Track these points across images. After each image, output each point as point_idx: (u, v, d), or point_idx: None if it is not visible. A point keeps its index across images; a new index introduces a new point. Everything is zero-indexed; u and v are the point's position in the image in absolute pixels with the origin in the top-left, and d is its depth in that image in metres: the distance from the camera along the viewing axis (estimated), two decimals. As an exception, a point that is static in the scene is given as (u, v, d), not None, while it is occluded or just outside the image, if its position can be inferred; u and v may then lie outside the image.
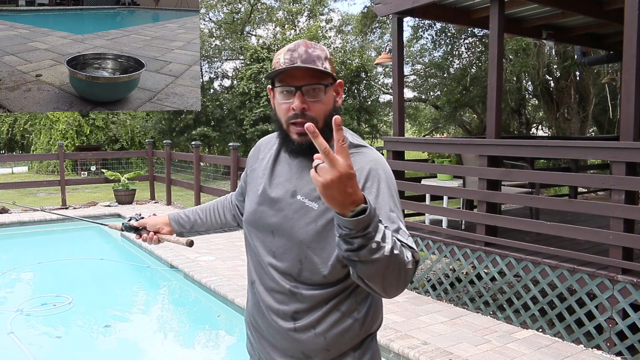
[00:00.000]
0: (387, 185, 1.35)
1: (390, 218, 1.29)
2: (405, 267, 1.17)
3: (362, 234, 1.08)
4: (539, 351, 3.68)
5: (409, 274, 1.19)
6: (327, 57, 1.39)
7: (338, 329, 1.40)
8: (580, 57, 8.68)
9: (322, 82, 1.37)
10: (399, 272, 1.16)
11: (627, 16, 3.61)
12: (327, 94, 1.38)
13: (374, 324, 1.48)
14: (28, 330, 4.58)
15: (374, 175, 1.35)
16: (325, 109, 1.38)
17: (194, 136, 15.63)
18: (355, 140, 1.44)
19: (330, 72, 1.38)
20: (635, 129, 3.59)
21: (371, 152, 1.42)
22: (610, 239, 3.70)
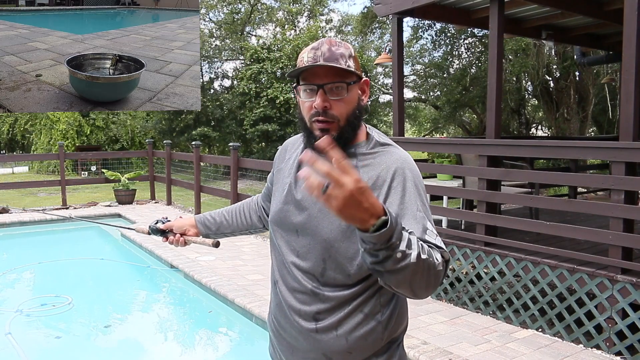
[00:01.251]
0: (414, 184, 1.33)
1: (417, 218, 1.27)
2: (434, 269, 1.16)
3: (386, 246, 1.05)
4: (538, 351, 3.69)
5: (440, 275, 1.18)
6: (352, 55, 1.37)
7: (361, 331, 1.38)
8: (580, 58, 8.69)
9: (345, 80, 1.35)
10: (427, 276, 1.15)
11: (627, 16, 3.62)
12: (351, 92, 1.36)
13: (399, 327, 1.44)
14: (27, 330, 4.57)
15: (400, 174, 1.33)
16: (348, 107, 1.36)
17: (194, 136, 15.63)
18: (381, 138, 1.43)
19: (355, 70, 1.36)
20: (635, 129, 3.59)
21: (397, 150, 1.40)
22: (610, 238, 3.71)
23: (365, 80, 1.40)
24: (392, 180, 1.32)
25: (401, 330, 1.46)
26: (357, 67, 1.38)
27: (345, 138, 1.37)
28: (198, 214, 1.85)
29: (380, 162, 1.35)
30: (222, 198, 10.03)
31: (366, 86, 1.42)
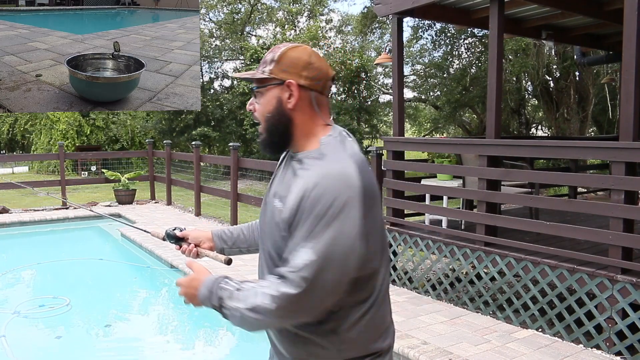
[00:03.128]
0: (311, 207, 1.25)
1: (295, 243, 1.27)
2: (251, 314, 1.27)
3: (211, 307, 1.36)
4: (538, 351, 3.69)
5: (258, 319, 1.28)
6: (274, 60, 1.38)
7: (318, 339, 1.36)
8: (580, 58, 8.69)
9: (260, 84, 1.40)
10: (244, 322, 1.30)
11: (627, 16, 3.62)
12: (265, 96, 1.40)
13: (354, 344, 1.37)
14: (24, 332, 4.53)
15: (306, 196, 1.26)
16: (263, 110, 1.41)
17: (194, 136, 15.63)
18: (325, 150, 1.35)
19: (269, 75, 1.37)
20: (635, 129, 3.59)
21: (322, 165, 1.30)
22: (610, 238, 3.70)
23: (287, 82, 1.36)
24: (301, 195, 1.27)
25: (353, 354, 1.37)
26: (278, 70, 1.37)
27: (271, 142, 1.43)
28: (216, 228, 1.82)
29: (303, 175, 1.31)
30: (222, 198, 10.03)
31: (290, 89, 1.36)
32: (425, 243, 5.07)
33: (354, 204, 1.25)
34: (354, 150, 1.37)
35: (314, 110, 1.39)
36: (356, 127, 15.94)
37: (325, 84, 1.40)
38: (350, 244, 1.25)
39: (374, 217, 1.33)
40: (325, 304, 1.29)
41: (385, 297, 1.43)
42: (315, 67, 1.37)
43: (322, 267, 1.23)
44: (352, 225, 1.25)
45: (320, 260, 1.22)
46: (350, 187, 1.26)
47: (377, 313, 1.38)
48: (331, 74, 1.42)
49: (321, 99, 1.40)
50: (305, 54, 1.38)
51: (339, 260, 1.24)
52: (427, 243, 5.06)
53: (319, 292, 1.25)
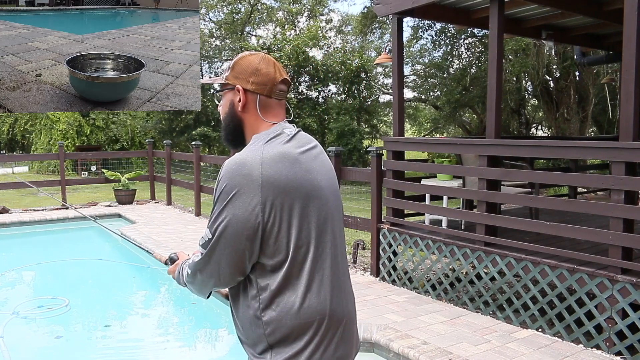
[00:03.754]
0: (215, 188, 1.46)
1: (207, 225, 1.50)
2: (187, 281, 1.59)
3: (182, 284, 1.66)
4: (538, 351, 3.69)
5: (188, 281, 1.58)
6: (230, 66, 1.57)
7: (245, 319, 1.49)
8: (580, 58, 8.69)
9: (219, 89, 1.61)
10: (191, 287, 1.60)
11: (627, 16, 3.61)
12: (224, 98, 1.60)
13: (275, 330, 1.42)
14: (22, 333, 4.51)
15: (216, 181, 1.46)
16: (222, 111, 1.61)
17: (194, 136, 15.63)
18: (250, 144, 1.52)
19: (225, 80, 1.56)
20: (635, 129, 3.59)
21: (232, 157, 1.47)
22: (610, 239, 3.70)
23: (236, 88, 1.53)
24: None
25: (279, 337, 1.42)
26: (231, 76, 1.55)
27: (227, 139, 1.62)
28: None
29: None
30: (222, 198, 10.02)
31: (239, 93, 1.53)
32: (425, 243, 5.07)
33: (246, 191, 1.38)
34: (275, 144, 1.47)
35: (258, 112, 1.54)
36: (356, 127, 15.94)
37: (273, 87, 1.54)
38: (242, 227, 1.38)
39: (286, 207, 1.40)
40: (221, 276, 1.46)
41: (312, 285, 1.43)
42: (262, 73, 1.53)
43: (214, 244, 1.43)
44: (243, 210, 1.38)
45: (214, 237, 1.43)
46: (245, 176, 1.39)
47: (303, 300, 1.42)
48: (279, 78, 1.55)
49: (268, 101, 1.55)
50: (255, 60, 1.54)
51: (228, 241, 1.40)
52: (427, 243, 5.05)
53: (211, 265, 1.46)
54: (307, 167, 1.47)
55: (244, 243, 1.39)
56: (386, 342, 3.80)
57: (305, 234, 1.43)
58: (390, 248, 5.43)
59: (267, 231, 1.39)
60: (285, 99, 1.62)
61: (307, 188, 1.45)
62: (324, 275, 1.46)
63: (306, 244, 1.43)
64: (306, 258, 1.43)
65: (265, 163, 1.40)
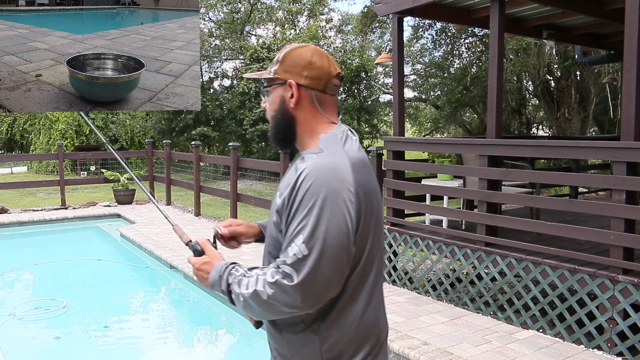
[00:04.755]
0: (303, 195, 1.27)
1: (290, 235, 1.28)
2: (259, 299, 1.30)
3: (220, 292, 1.41)
4: (539, 351, 3.68)
5: (267, 301, 1.29)
6: (279, 60, 1.42)
7: (296, 335, 1.36)
8: (581, 57, 8.67)
9: (267, 84, 1.46)
10: (252, 307, 1.33)
11: (628, 16, 3.60)
12: (271, 94, 1.45)
13: (340, 347, 1.34)
14: (18, 335, 4.48)
15: (300, 183, 1.28)
16: (270, 108, 1.46)
17: (193, 136, 15.61)
18: (324, 146, 1.36)
19: (274, 75, 1.42)
20: (636, 128, 3.58)
21: (316, 158, 1.31)
22: (611, 239, 3.69)
23: (288, 83, 1.39)
24: (293, 187, 1.29)
25: (341, 357, 1.35)
26: (281, 70, 1.41)
27: (276, 138, 1.47)
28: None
29: (299, 167, 1.31)
30: (221, 198, 10.02)
31: (291, 88, 1.39)
32: (425, 243, 5.06)
33: (344, 196, 1.26)
34: (352, 148, 1.38)
35: (315, 108, 1.41)
36: (356, 127, 15.93)
37: (327, 82, 1.41)
38: (343, 237, 1.25)
39: (370, 214, 1.33)
40: (319, 297, 1.27)
41: (373, 298, 1.38)
42: (316, 66, 1.39)
43: (316, 261, 1.23)
44: (343, 218, 1.25)
45: (313, 254, 1.23)
46: (340, 180, 1.27)
47: (363, 313, 1.35)
48: (334, 72, 1.42)
49: (323, 97, 1.42)
50: (307, 53, 1.41)
51: (332, 254, 1.24)
52: (427, 243, 5.04)
53: (312, 286, 1.24)
54: (374, 175, 1.42)
55: (346, 254, 1.26)
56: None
57: (376, 245, 1.37)
58: (390, 248, 5.42)
59: (354, 240, 1.29)
60: (337, 94, 1.49)
61: (379, 198, 1.40)
62: (380, 288, 1.41)
63: (375, 255, 1.37)
64: (372, 270, 1.36)
65: (354, 169, 1.30)
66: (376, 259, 1.38)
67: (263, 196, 10.14)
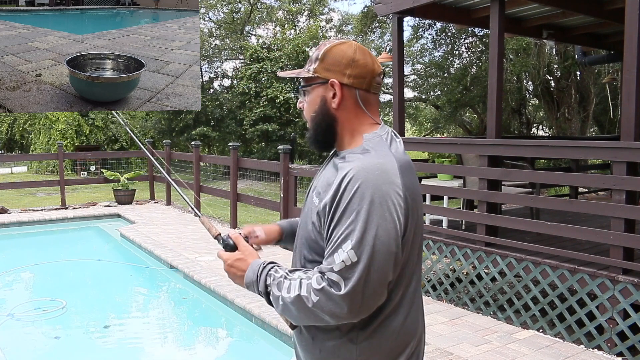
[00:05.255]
0: (351, 197, 1.20)
1: (334, 241, 1.22)
2: (303, 306, 1.23)
3: (256, 292, 1.34)
4: (539, 351, 3.68)
5: (313, 309, 1.22)
6: (319, 57, 1.34)
7: (331, 343, 1.30)
8: (581, 57, 8.67)
9: (305, 83, 1.38)
10: (294, 312, 1.26)
11: (628, 16, 3.60)
12: (311, 94, 1.37)
13: (370, 356, 1.29)
14: (16, 335, 4.45)
15: (345, 184, 1.22)
16: (309, 109, 1.38)
17: (193, 136, 15.62)
18: (368, 146, 1.31)
19: (313, 73, 1.35)
20: (636, 128, 3.58)
21: (362, 158, 1.27)
22: (611, 239, 3.69)
23: (330, 82, 1.32)
24: (337, 188, 1.23)
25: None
26: (322, 68, 1.34)
27: (316, 140, 1.38)
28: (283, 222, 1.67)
29: (343, 168, 1.26)
30: (222, 198, 10.02)
31: (334, 88, 1.32)
32: (425, 243, 5.06)
33: (394, 199, 1.20)
34: (398, 150, 1.32)
35: (359, 108, 1.35)
36: (356, 127, 15.92)
37: (371, 81, 1.34)
38: (393, 243, 1.20)
39: (415, 220, 1.28)
40: (368, 306, 1.21)
41: (413, 306, 1.33)
42: (359, 64, 1.32)
43: (366, 268, 1.17)
44: (392, 223, 1.19)
45: (363, 260, 1.17)
46: (390, 183, 1.21)
47: (403, 322, 1.30)
48: (378, 70, 1.35)
49: (367, 96, 1.35)
50: (349, 50, 1.33)
51: (382, 261, 1.18)
52: (427, 243, 5.04)
53: (361, 294, 1.18)
54: (417, 179, 1.37)
55: (394, 260, 1.21)
56: (387, 342, 3.78)
57: (417, 251, 1.33)
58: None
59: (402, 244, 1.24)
60: (380, 93, 1.42)
61: (421, 201, 1.35)
62: (420, 296, 1.37)
63: (415, 261, 1.32)
64: (413, 277, 1.32)
65: (402, 172, 1.25)
66: (417, 265, 1.34)
67: (263, 196, 10.14)
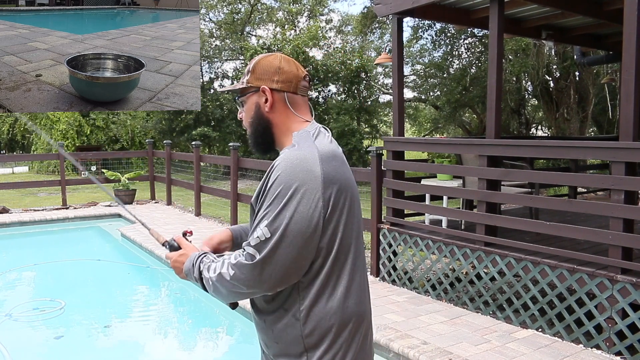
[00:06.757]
0: (272, 184, 1.37)
1: (256, 221, 1.39)
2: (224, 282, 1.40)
3: (193, 280, 1.51)
4: (538, 351, 3.69)
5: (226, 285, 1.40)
6: (250, 70, 1.53)
7: (279, 323, 1.44)
8: (580, 58, 8.69)
9: (241, 94, 1.56)
10: (219, 290, 1.43)
11: (627, 16, 3.62)
12: (247, 103, 1.55)
13: (318, 332, 1.40)
14: (16, 336, 4.45)
15: (271, 174, 1.39)
16: (247, 116, 1.56)
17: (194, 136, 15.62)
18: (296, 142, 1.45)
19: (247, 84, 1.52)
20: (635, 129, 3.59)
21: (287, 151, 1.42)
22: (610, 238, 3.70)
23: (262, 89, 1.49)
24: (265, 178, 1.41)
25: (315, 339, 1.41)
26: (254, 78, 1.51)
27: (256, 143, 1.55)
28: (235, 227, 1.79)
29: (273, 162, 1.42)
30: (222, 198, 10.03)
31: (265, 93, 1.49)
32: (425, 243, 5.07)
33: (310, 187, 1.35)
34: (323, 142, 1.46)
35: (288, 109, 1.51)
36: (356, 127, 15.94)
37: (297, 84, 1.52)
38: (306, 225, 1.33)
39: (338, 205, 1.40)
40: (277, 279, 1.36)
41: (352, 286, 1.44)
42: (285, 71, 1.51)
43: (276, 243, 1.32)
44: (307, 207, 1.34)
45: (276, 237, 1.33)
46: (308, 172, 1.35)
47: (344, 301, 1.42)
48: (302, 75, 1.53)
49: (295, 98, 1.52)
50: (275, 60, 1.52)
51: (293, 239, 1.33)
52: (427, 243, 5.05)
53: (271, 266, 1.34)
54: (347, 167, 1.50)
55: (307, 241, 1.35)
56: (386, 342, 3.80)
57: (350, 233, 1.45)
58: (390, 248, 5.43)
59: (324, 229, 1.37)
60: (308, 95, 1.60)
61: (352, 188, 1.47)
62: (360, 275, 1.49)
63: (349, 243, 1.45)
64: (348, 257, 1.44)
65: (323, 160, 1.39)
66: (352, 247, 1.45)
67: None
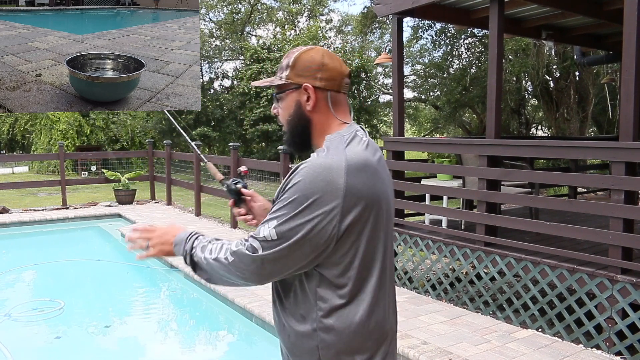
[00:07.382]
0: (288, 186, 1.32)
1: (269, 216, 1.34)
2: (221, 266, 1.37)
3: (181, 252, 1.47)
4: (538, 351, 3.69)
5: (228, 267, 1.36)
6: (289, 65, 1.43)
7: (298, 330, 1.38)
8: (580, 58, 8.69)
9: (277, 90, 1.47)
10: (217, 271, 1.39)
11: (627, 16, 3.62)
12: (285, 100, 1.45)
13: (329, 345, 1.34)
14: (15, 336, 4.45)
15: (290, 176, 1.34)
16: (285, 113, 1.47)
17: (194, 136, 15.62)
18: (327, 146, 1.38)
19: (286, 80, 1.43)
20: (635, 129, 3.59)
21: (313, 156, 1.35)
22: (610, 238, 3.70)
23: (304, 86, 1.41)
24: (286, 179, 1.36)
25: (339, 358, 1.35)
26: (293, 75, 1.42)
27: (293, 142, 1.48)
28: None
29: (299, 164, 1.36)
30: (222, 198, 10.03)
31: (307, 92, 1.41)
32: (425, 243, 5.07)
33: (327, 198, 1.27)
34: (356, 150, 1.36)
35: (329, 109, 1.43)
36: (356, 127, 15.92)
37: (341, 82, 1.44)
38: (315, 237, 1.28)
39: (362, 219, 1.32)
40: (274, 277, 1.35)
41: (378, 302, 1.38)
42: (329, 67, 1.42)
43: (281, 248, 1.29)
44: (321, 219, 1.27)
45: (282, 240, 1.29)
46: (329, 183, 1.28)
47: (367, 318, 1.35)
48: (346, 72, 1.45)
49: (338, 97, 1.45)
50: (317, 55, 1.43)
51: (299, 249, 1.28)
52: (427, 243, 5.05)
53: (270, 265, 1.31)
54: (382, 177, 1.40)
55: (313, 251, 1.29)
56: (386, 342, 3.79)
57: (374, 249, 1.37)
58: (390, 248, 5.42)
59: (340, 242, 1.30)
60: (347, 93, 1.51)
61: (382, 201, 1.38)
62: (388, 293, 1.42)
63: (373, 259, 1.37)
64: (371, 273, 1.37)
65: (350, 171, 1.30)
66: (377, 261, 1.38)
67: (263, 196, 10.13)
